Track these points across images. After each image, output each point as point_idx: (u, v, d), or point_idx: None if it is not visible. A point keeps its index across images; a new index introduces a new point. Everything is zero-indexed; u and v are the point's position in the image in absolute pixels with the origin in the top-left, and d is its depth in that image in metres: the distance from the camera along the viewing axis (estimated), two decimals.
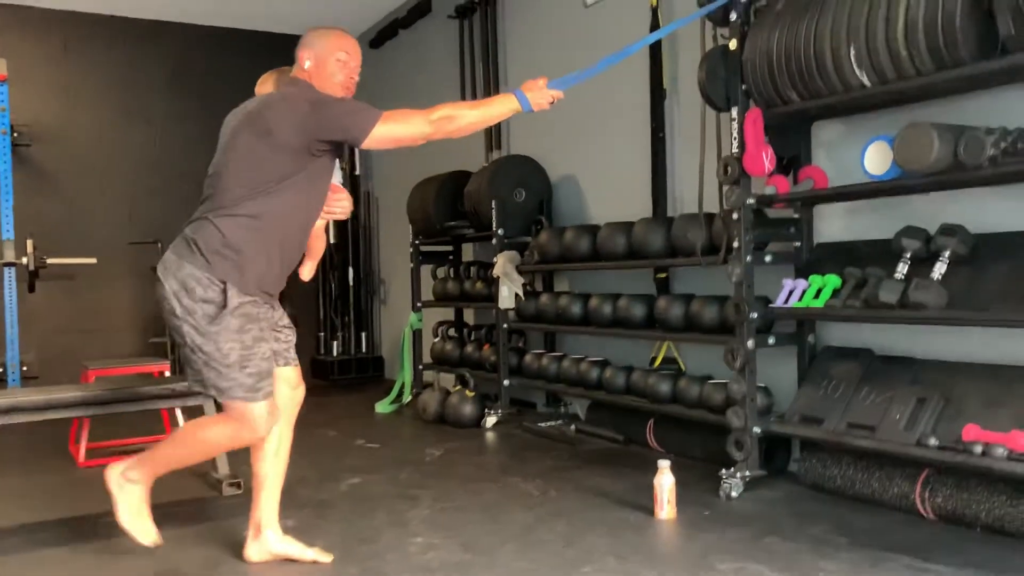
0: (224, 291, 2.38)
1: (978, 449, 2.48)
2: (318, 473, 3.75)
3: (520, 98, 2.58)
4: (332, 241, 7.21)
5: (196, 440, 2.60)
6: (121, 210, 6.85)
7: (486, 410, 4.77)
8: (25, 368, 5.75)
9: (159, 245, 6.29)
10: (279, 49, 7.30)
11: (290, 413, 2.67)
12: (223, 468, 3.55)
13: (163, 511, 3.31)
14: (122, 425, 4.51)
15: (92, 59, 6.85)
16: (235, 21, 7.08)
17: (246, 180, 2.40)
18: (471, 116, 2.54)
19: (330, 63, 2.56)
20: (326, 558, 2.61)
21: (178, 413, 4.30)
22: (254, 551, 2.64)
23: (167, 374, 4.45)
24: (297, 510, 3.13)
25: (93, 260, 6.26)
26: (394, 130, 2.43)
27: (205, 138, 6.85)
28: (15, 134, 5.96)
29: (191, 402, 3.64)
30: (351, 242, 7.25)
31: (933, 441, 2.61)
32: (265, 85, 2.98)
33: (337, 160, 2.62)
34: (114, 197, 6.85)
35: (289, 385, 2.65)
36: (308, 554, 2.61)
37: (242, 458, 3.89)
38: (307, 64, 2.57)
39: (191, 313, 2.38)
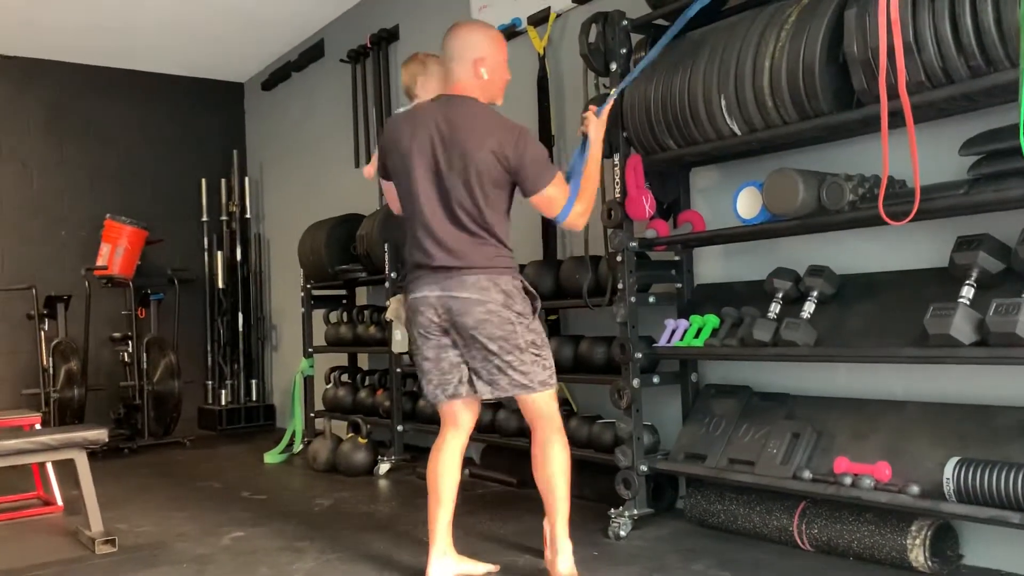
0: (525, 288, 2.60)
1: (848, 480, 2.58)
2: (199, 527, 3.60)
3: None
4: (221, 286, 7.03)
5: (564, 460, 2.67)
6: None
7: (379, 457, 4.69)
8: None
9: (34, 291, 5.99)
10: (166, 90, 7.23)
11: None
12: (96, 525, 3.36)
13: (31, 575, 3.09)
14: None
15: None
16: (119, 61, 6.86)
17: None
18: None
19: (499, 73, 2.62)
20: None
21: (49, 468, 4.06)
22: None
23: (38, 427, 4.20)
24: (174, 566, 2.99)
25: None
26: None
27: (85, 181, 6.77)
28: None
29: (62, 455, 3.45)
30: (241, 287, 7.06)
31: (807, 474, 2.70)
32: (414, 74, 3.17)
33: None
34: None
35: None
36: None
37: (121, 515, 3.72)
38: (484, 75, 2.57)
39: (524, 314, 2.55)
